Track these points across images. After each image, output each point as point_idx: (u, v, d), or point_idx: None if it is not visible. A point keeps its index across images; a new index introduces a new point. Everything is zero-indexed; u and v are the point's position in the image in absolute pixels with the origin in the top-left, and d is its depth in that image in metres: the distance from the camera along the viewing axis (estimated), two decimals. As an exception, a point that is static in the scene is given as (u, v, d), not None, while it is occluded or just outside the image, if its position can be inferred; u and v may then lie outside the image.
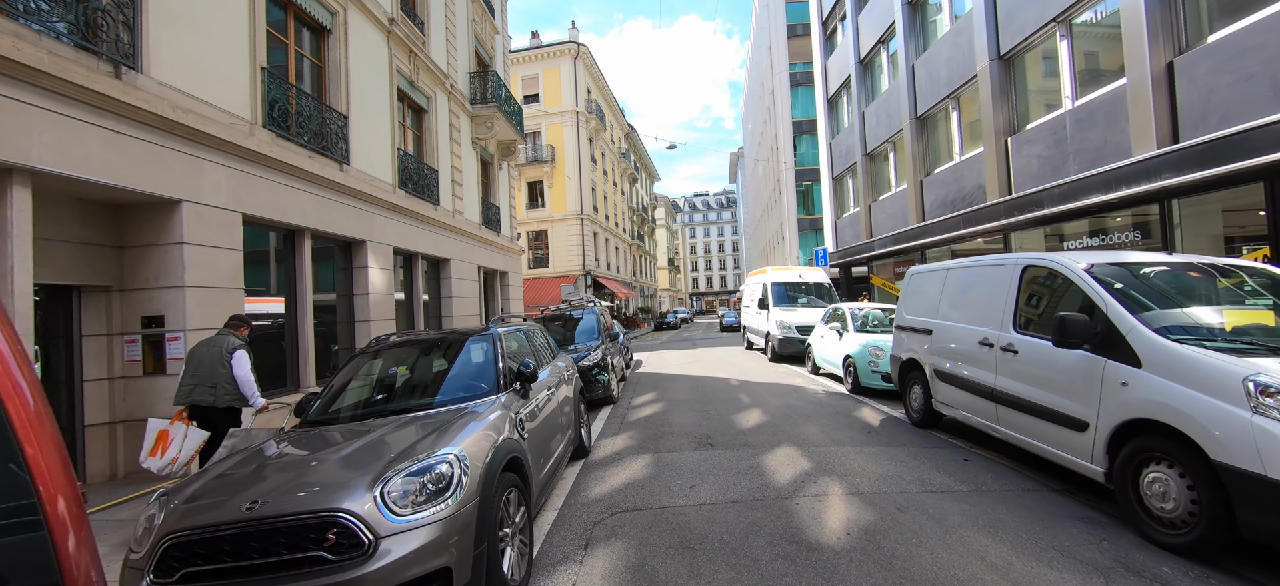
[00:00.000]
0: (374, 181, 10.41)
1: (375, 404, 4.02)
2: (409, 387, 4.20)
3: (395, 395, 4.10)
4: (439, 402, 3.77)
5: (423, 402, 3.84)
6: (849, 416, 7.43)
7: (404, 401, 3.95)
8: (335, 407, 4.00)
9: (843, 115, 20.72)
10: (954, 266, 6.26)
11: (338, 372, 4.40)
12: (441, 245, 13.37)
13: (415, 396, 4.04)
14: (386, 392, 4.14)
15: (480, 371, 4.11)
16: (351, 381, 4.27)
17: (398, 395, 4.09)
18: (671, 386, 11.02)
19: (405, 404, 3.88)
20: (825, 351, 10.83)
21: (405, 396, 4.05)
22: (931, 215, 13.89)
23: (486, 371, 4.07)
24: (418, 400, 3.93)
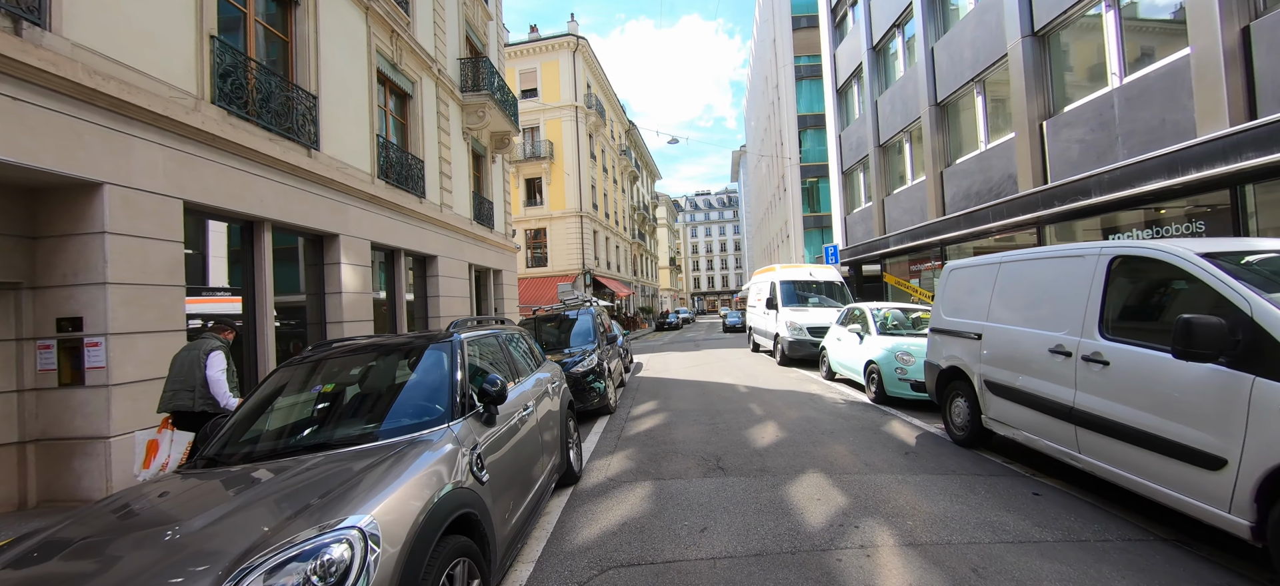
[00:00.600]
0: (349, 169, 9.49)
1: (292, 434, 3.09)
2: (339, 413, 3.27)
3: (321, 423, 3.16)
4: (372, 435, 2.85)
5: (352, 434, 2.92)
6: (878, 432, 6.50)
7: (329, 432, 3.02)
8: (246, 436, 3.08)
9: (853, 106, 19.77)
10: (1010, 259, 5.32)
11: (258, 388, 3.48)
12: (427, 241, 12.45)
13: (345, 425, 3.11)
14: (310, 419, 3.21)
15: (432, 391, 3.18)
16: (273, 401, 3.35)
17: (324, 423, 3.16)
18: (674, 393, 10.09)
19: (330, 435, 2.96)
20: (843, 356, 9.90)
21: (332, 425, 3.12)
22: (953, 208, 12.95)
23: (440, 391, 3.14)
24: (347, 430, 3.01)
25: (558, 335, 9.96)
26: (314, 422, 3.15)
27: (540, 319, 10.49)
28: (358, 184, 9.61)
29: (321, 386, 3.31)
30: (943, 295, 6.44)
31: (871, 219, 17.99)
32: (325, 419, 3.19)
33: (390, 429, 2.89)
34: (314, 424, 3.14)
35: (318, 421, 3.16)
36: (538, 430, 4.14)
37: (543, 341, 9.89)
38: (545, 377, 4.99)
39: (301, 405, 3.28)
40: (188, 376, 4.71)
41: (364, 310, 9.70)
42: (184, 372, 4.74)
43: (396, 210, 11.09)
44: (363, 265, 9.75)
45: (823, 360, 11.10)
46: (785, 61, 34.05)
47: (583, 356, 8.54)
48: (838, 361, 10.20)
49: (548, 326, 10.26)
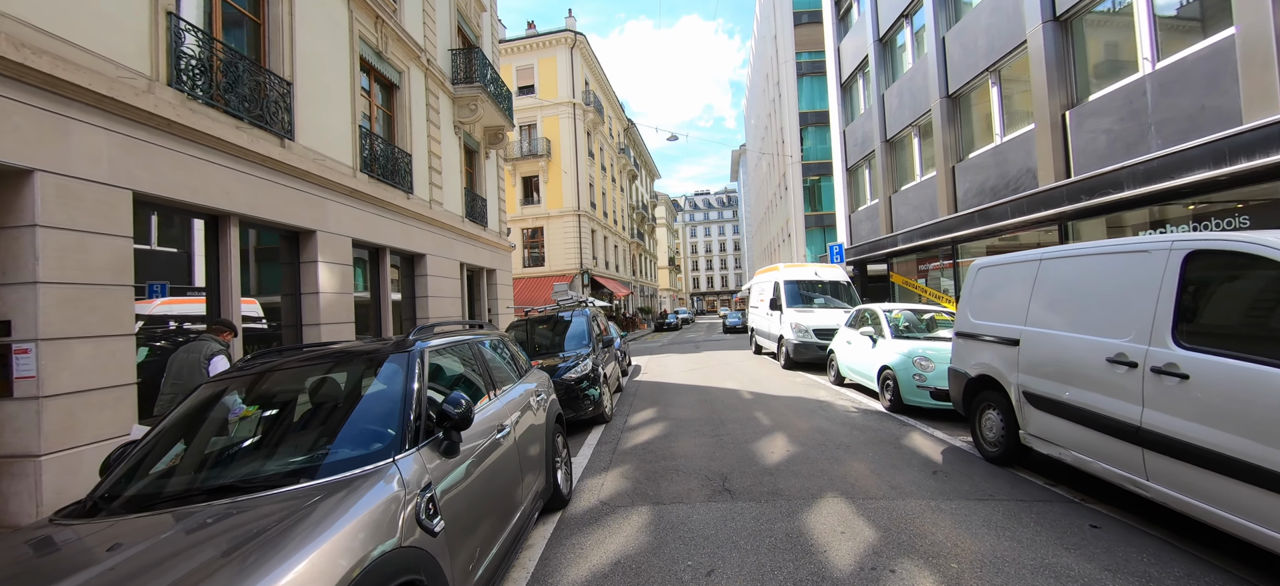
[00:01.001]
0: (327, 162, 8.90)
1: (201, 471, 2.50)
2: (264, 443, 2.66)
3: (238, 456, 2.56)
4: (297, 474, 2.26)
5: (273, 473, 2.33)
6: (899, 447, 5.92)
7: (245, 469, 2.43)
8: (144, 472, 2.48)
9: (858, 101, 19.19)
10: (1052, 256, 4.74)
11: (176, 406, 2.88)
12: (415, 238, 11.86)
13: (268, 458, 2.51)
14: (227, 451, 2.62)
15: (381, 415, 2.59)
16: (194, 425, 2.76)
17: (241, 457, 2.55)
18: (675, 400, 9.51)
19: (246, 474, 2.37)
20: (853, 360, 9.32)
21: (250, 460, 2.52)
22: (966, 205, 12.38)
23: (389, 416, 2.55)
24: (267, 467, 2.41)
25: (551, 338, 9.39)
26: (231, 455, 2.56)
27: (533, 321, 9.92)
28: (338, 177, 9.02)
29: (242, 409, 2.71)
30: (970, 296, 5.87)
31: (878, 217, 17.41)
32: (246, 450, 2.59)
33: (321, 466, 2.30)
34: (230, 457, 2.54)
35: (235, 454, 2.56)
36: (518, 451, 3.55)
37: (535, 344, 9.32)
38: (529, 389, 4.40)
39: (222, 432, 2.69)
40: (188, 381, 4.52)
41: (344, 312, 9.10)
42: (184, 376, 4.59)
43: (381, 206, 10.50)
44: (343, 264, 9.16)
45: (831, 364, 10.51)
46: (786, 58, 33.48)
47: (576, 361, 7.96)
48: (847, 366, 9.62)
49: (541, 328, 9.69)
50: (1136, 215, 8.34)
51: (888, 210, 16.50)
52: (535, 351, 9.07)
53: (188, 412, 2.77)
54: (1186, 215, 7.90)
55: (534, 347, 9.21)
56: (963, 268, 12.87)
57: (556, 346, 9.04)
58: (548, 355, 8.61)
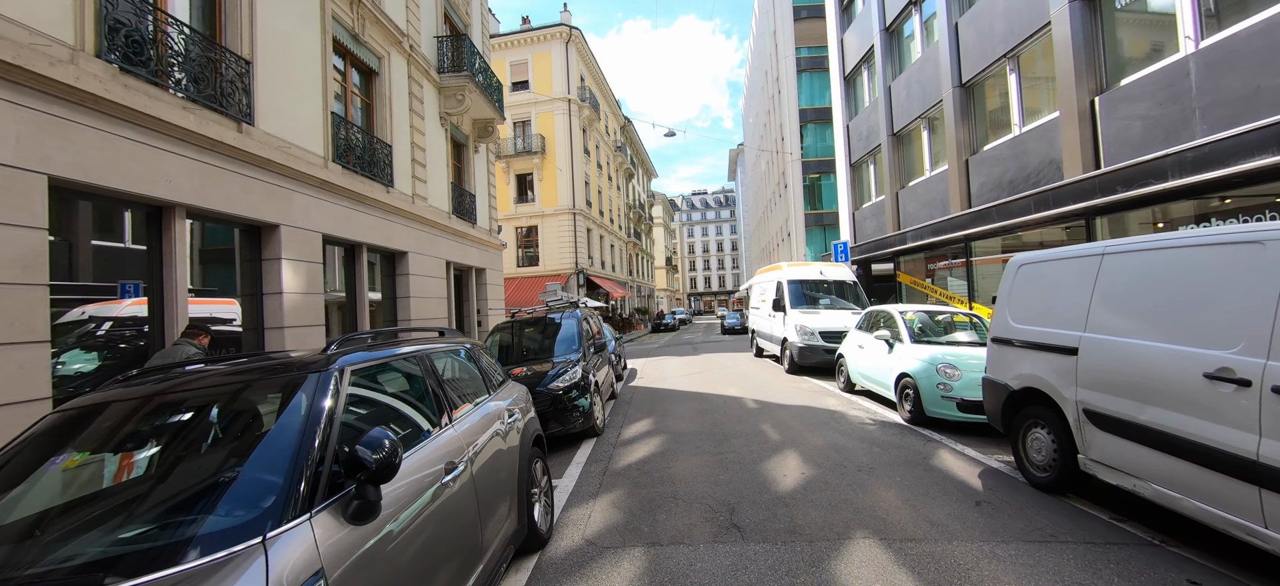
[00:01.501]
0: (293, 150, 8.15)
1: (32, 533, 1.75)
2: (95, 507, 1.90)
3: (50, 527, 1.80)
4: (117, 562, 1.52)
5: (89, 556, 1.58)
6: (928, 468, 5.20)
7: (54, 551, 1.67)
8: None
9: (862, 94, 18.51)
10: (1119, 250, 4.02)
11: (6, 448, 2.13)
12: (395, 235, 11.11)
13: (90, 534, 1.74)
14: (47, 516, 1.86)
15: (261, 467, 1.85)
16: (31, 471, 2.00)
17: (54, 530, 1.79)
18: (673, 409, 8.78)
19: (53, 557, 1.62)
20: (866, 366, 8.61)
21: (66, 536, 1.75)
22: (980, 200, 11.69)
23: (272, 467, 1.81)
24: (84, 547, 1.66)
25: (540, 341, 8.65)
26: (49, 524, 1.80)
27: (520, 323, 9.17)
28: (306, 167, 8.27)
29: (72, 453, 1.96)
30: (1009, 297, 5.16)
31: (884, 214, 16.72)
32: (66, 517, 1.84)
33: (158, 549, 1.56)
34: (46, 526, 1.79)
35: (55, 522, 1.81)
36: (476, 490, 2.82)
37: (522, 349, 8.58)
38: (499, 408, 3.66)
39: (47, 484, 1.94)
40: None
41: (312, 314, 8.35)
42: None
43: (357, 199, 9.75)
44: (311, 261, 8.40)
45: (840, 370, 9.80)
46: (786, 53, 32.82)
47: (565, 368, 7.22)
48: (859, 372, 8.91)
49: (528, 332, 8.95)
50: (1181, 208, 7.65)
51: (894, 207, 15.80)
52: (521, 357, 8.34)
53: (17, 459, 2.02)
54: (1223, 209, 7.24)
55: (520, 353, 8.48)
56: (977, 266, 12.20)
57: (544, 351, 8.31)
58: (534, 361, 7.88)
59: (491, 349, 8.48)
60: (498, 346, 8.55)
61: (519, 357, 8.30)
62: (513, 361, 8.15)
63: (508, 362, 8.12)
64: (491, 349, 8.48)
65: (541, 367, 7.34)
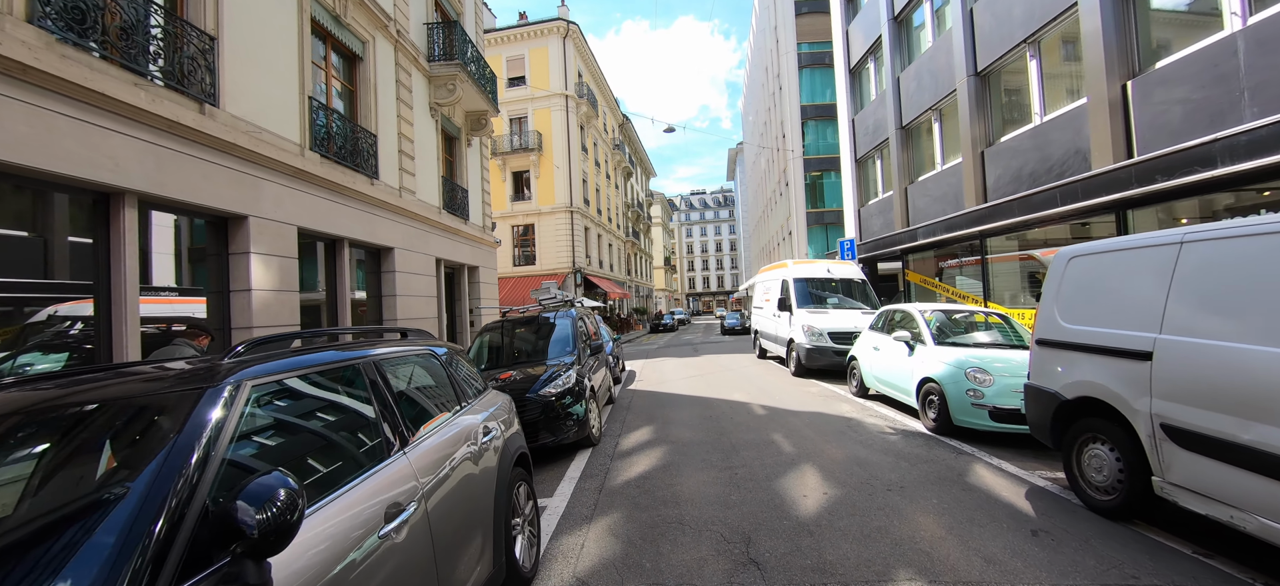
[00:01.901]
0: (264, 136, 7.53)
1: None
2: None
3: None
4: None
5: None
6: (967, 488, 4.60)
7: None
8: None
9: (869, 87, 17.93)
10: (1203, 236, 3.43)
11: None
12: (381, 230, 10.49)
13: None
14: None
15: (93, 534, 1.23)
16: None
17: None
18: (674, 415, 8.18)
19: None
20: (883, 369, 8.01)
21: None
22: (998, 194, 11.10)
23: (109, 532, 1.20)
24: None
25: (532, 343, 8.03)
26: None
27: (511, 323, 8.55)
28: (279, 154, 7.66)
29: None
30: (1057, 293, 4.56)
31: (891, 210, 16.14)
32: None
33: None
34: None
35: None
36: (435, 535, 2.22)
37: (513, 351, 7.97)
38: (473, 424, 3.05)
39: None
40: None
41: (286, 312, 7.72)
42: None
43: (337, 191, 9.13)
44: (284, 256, 7.78)
45: (852, 373, 9.20)
46: (788, 49, 32.26)
47: (558, 372, 6.60)
48: (874, 376, 8.31)
49: (520, 332, 8.33)
50: (1222, 199, 7.07)
51: (903, 203, 15.23)
52: (512, 359, 7.73)
53: None
54: (1264, 201, 6.68)
55: (510, 355, 7.87)
56: (992, 264, 11.62)
57: (536, 353, 7.70)
58: (526, 364, 7.27)
59: (479, 350, 7.87)
60: (486, 347, 7.94)
61: (509, 360, 7.70)
62: (502, 364, 7.54)
63: (497, 365, 7.51)
64: (479, 350, 7.87)
65: (533, 371, 6.73)
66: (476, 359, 7.63)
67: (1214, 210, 7.41)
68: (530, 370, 6.84)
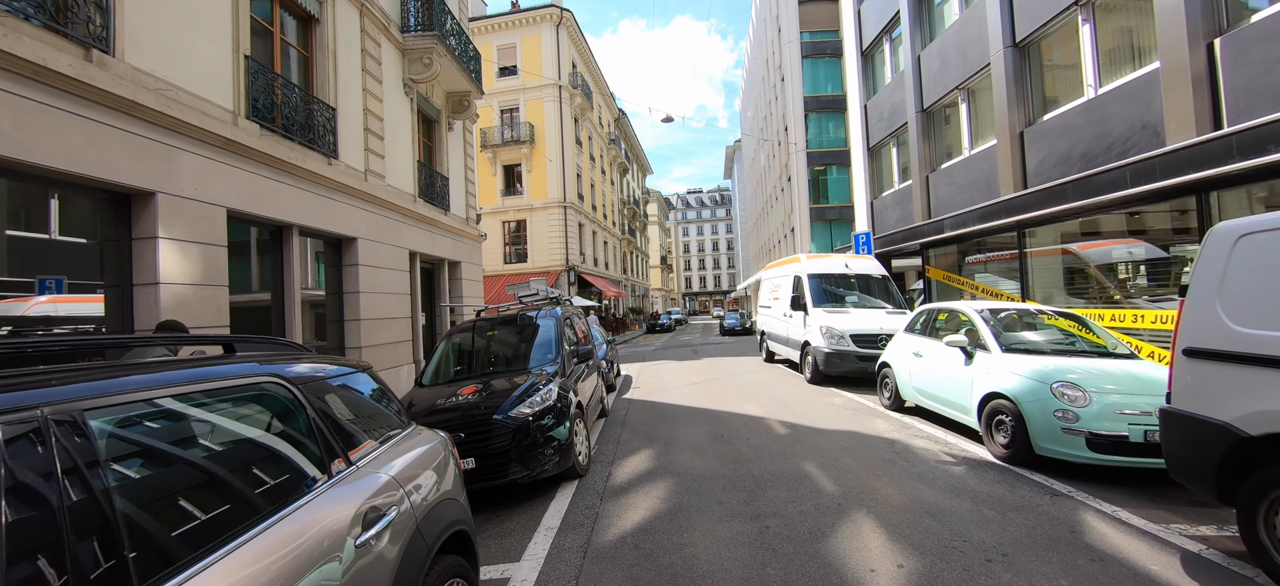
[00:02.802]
0: (181, 97, 6.18)
1: None
2: None
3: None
4: None
5: None
6: (1089, 551, 3.32)
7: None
8: None
9: (883, 70, 16.66)
10: None
11: None
12: (340, 217, 9.15)
13: None
14: None
15: None
16: None
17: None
18: (679, 433, 6.88)
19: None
20: (928, 379, 6.73)
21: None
22: (1042, 178, 9.84)
23: None
24: None
25: (510, 348, 6.68)
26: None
27: (486, 323, 7.18)
28: (204, 121, 6.32)
29: None
30: (1221, 285, 3.28)
31: (910, 201, 14.87)
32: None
33: None
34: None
35: None
36: None
37: (485, 359, 6.61)
38: (339, 518, 1.71)
39: None
40: None
41: (209, 312, 6.37)
42: None
43: (285, 170, 7.80)
44: (208, 243, 6.43)
45: (885, 383, 7.91)
46: (790, 38, 31.00)
47: (536, 385, 5.28)
48: (916, 387, 7.01)
49: (495, 335, 6.97)
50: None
51: (924, 192, 13.96)
52: (482, 368, 6.39)
53: None
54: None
55: (483, 362, 6.52)
56: (1032, 259, 10.36)
57: (512, 361, 6.37)
58: (498, 374, 5.94)
59: (443, 356, 6.54)
60: (452, 354, 6.60)
61: (481, 368, 6.36)
62: (472, 373, 6.21)
63: (466, 374, 6.19)
64: (443, 356, 6.54)
65: (504, 384, 5.41)
66: (439, 367, 6.30)
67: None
68: (502, 382, 5.52)
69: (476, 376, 5.96)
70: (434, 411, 4.89)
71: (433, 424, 4.73)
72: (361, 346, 9.55)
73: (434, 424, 4.73)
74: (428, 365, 6.31)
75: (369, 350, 9.76)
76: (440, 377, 6.10)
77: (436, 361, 6.33)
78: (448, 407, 4.97)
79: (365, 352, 9.67)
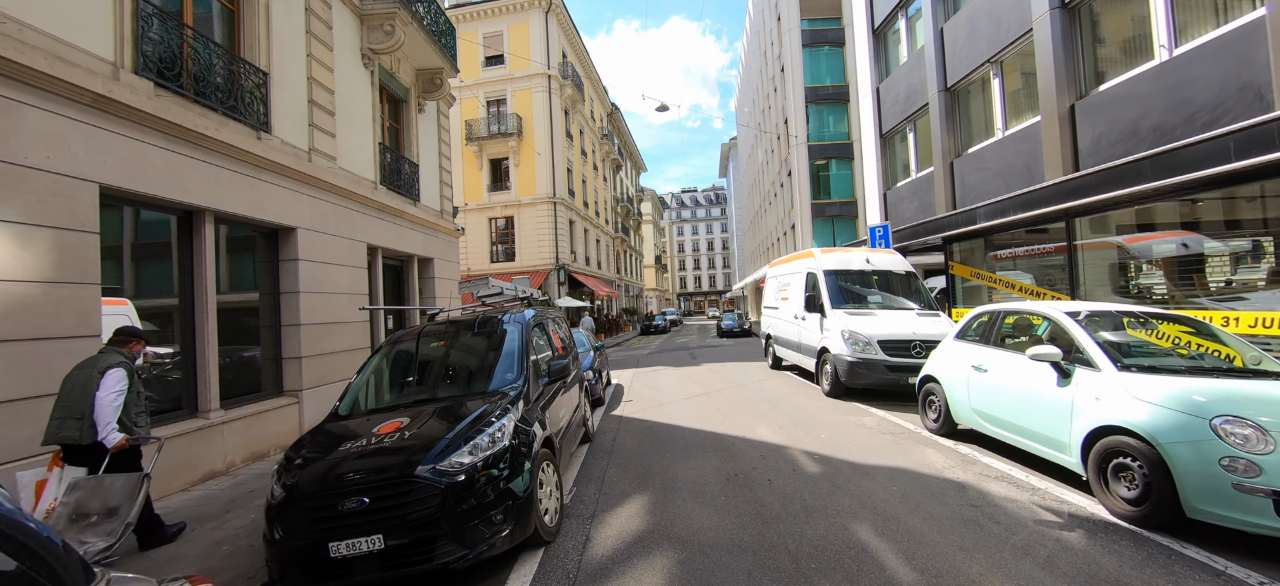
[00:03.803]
0: (23, 35, 4.68)
1: None
2: None
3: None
4: None
5: None
6: None
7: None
8: None
9: (899, 48, 15.27)
10: None
11: None
12: (271, 201, 7.65)
13: None
14: None
15: None
16: None
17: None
18: (681, 470, 5.43)
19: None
20: (996, 402, 5.30)
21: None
22: (1099, 157, 8.47)
23: None
24: None
25: (465, 362, 5.17)
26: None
27: (437, 330, 5.66)
28: (64, 70, 4.84)
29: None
30: None
31: (931, 190, 13.49)
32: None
33: None
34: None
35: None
36: None
37: (436, 374, 5.12)
38: None
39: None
40: (77, 402, 3.82)
41: (68, 319, 4.87)
42: (73, 396, 3.85)
43: (190, 140, 6.30)
44: (67, 229, 4.93)
45: (931, 402, 6.48)
46: (790, 25, 29.68)
47: (485, 420, 3.79)
48: (978, 409, 5.58)
49: (444, 347, 5.44)
50: None
51: (948, 180, 12.58)
52: (428, 386, 4.89)
53: None
54: None
55: (430, 379, 5.02)
56: (1083, 251, 8.98)
57: (462, 380, 4.88)
58: (439, 400, 4.44)
59: (375, 373, 5.04)
60: (386, 370, 5.09)
61: (419, 390, 4.86)
62: (404, 398, 4.71)
63: (398, 400, 4.69)
64: (375, 373, 5.04)
65: (437, 423, 3.89)
66: (366, 390, 4.80)
67: None
68: (439, 413, 4.03)
69: (411, 403, 4.47)
70: (331, 470, 3.41)
71: (323, 489, 3.26)
72: (302, 356, 8.06)
73: (326, 488, 3.26)
74: (350, 387, 4.81)
75: (313, 361, 8.27)
76: (366, 404, 4.61)
77: (363, 382, 4.82)
78: (353, 456, 3.49)
79: (308, 363, 8.17)
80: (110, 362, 3.97)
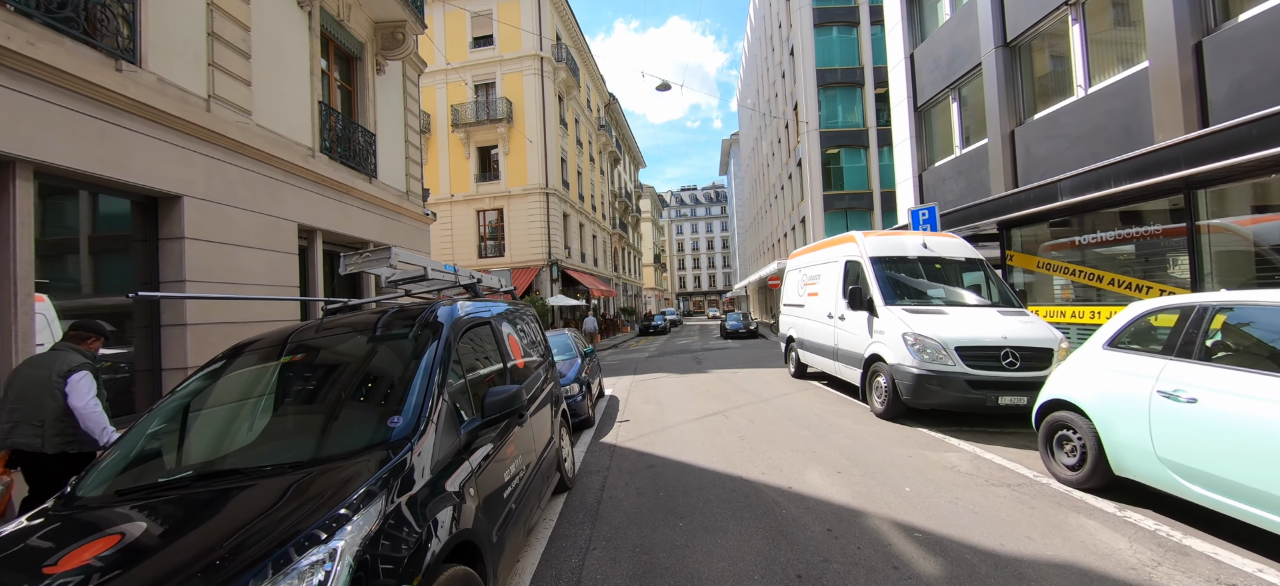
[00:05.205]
0: None
1: None
2: None
3: None
4: None
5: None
6: None
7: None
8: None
9: (939, 5, 13.24)
10: None
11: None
12: (136, 156, 5.61)
13: None
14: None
15: None
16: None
17: None
18: (706, 565, 3.40)
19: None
20: (1223, 453, 3.28)
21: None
22: (1234, 111, 6.47)
23: None
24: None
25: (347, 390, 3.08)
26: None
27: (307, 337, 3.50)
28: None
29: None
30: None
31: (982, 167, 11.46)
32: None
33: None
34: None
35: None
36: None
37: (292, 415, 3.02)
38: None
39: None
40: (34, 405, 3.41)
41: None
42: (28, 399, 3.42)
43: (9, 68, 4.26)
44: None
45: (1062, 440, 4.45)
46: (802, 3, 27.63)
47: (312, 539, 1.75)
48: (1177, 460, 3.54)
49: (307, 369, 3.23)
50: None
51: (1006, 153, 10.54)
52: (241, 441, 2.79)
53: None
54: None
55: (253, 430, 2.94)
56: (1208, 234, 6.99)
57: (308, 434, 2.75)
58: (246, 476, 2.37)
59: (182, 407, 2.93)
60: (203, 404, 2.94)
61: (234, 445, 2.75)
62: (205, 461, 2.60)
63: (179, 469, 2.57)
64: (182, 407, 2.93)
65: (162, 570, 1.85)
66: (159, 438, 2.71)
67: None
68: (202, 528, 1.97)
69: (203, 478, 2.39)
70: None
71: None
72: (189, 368, 6.01)
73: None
74: (130, 433, 2.72)
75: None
76: (135, 476, 2.51)
77: (152, 425, 2.74)
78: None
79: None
80: (72, 364, 3.53)
